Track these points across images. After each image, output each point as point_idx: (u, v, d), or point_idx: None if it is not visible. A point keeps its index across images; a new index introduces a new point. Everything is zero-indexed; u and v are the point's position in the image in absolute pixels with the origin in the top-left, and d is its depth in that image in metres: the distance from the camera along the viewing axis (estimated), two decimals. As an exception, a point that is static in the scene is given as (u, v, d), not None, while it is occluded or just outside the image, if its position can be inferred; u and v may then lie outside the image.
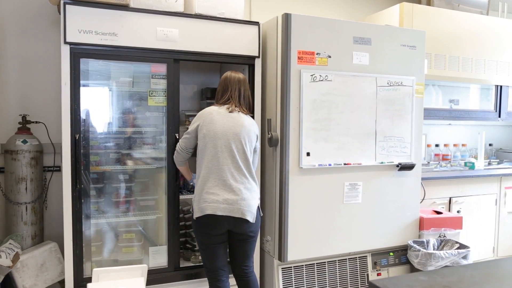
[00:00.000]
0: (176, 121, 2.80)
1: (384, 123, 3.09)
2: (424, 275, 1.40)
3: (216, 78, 3.51)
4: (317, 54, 2.85)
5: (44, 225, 3.05)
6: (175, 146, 2.67)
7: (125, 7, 2.59)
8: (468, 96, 4.19)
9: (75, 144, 2.52)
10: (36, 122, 3.00)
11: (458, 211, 3.65)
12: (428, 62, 3.53)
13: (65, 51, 2.48)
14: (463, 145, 4.46)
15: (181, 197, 2.97)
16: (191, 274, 2.89)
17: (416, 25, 3.52)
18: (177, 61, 2.76)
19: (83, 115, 2.65)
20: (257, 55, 2.94)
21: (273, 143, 2.83)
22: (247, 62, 2.95)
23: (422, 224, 3.28)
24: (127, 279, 2.51)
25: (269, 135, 2.85)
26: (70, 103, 2.50)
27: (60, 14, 2.49)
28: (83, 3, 2.48)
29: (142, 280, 2.53)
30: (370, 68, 3.02)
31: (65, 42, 2.46)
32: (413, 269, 3.15)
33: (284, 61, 2.77)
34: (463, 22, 3.82)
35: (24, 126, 2.95)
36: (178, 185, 2.85)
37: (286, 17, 2.76)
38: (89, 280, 2.54)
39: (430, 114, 3.74)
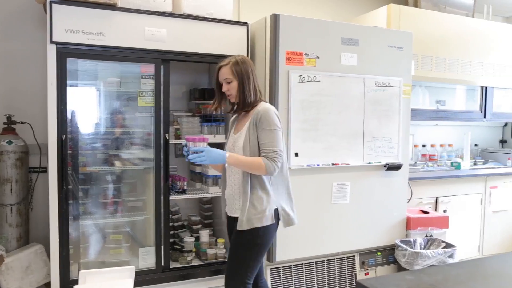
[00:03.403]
0: (166, 121, 2.79)
1: (371, 124, 3.11)
2: (411, 274, 1.42)
3: (204, 78, 3.50)
4: (305, 54, 2.86)
5: (29, 227, 3.01)
6: (166, 147, 2.64)
7: (112, 7, 2.57)
8: (455, 97, 4.24)
9: (62, 145, 2.49)
10: (22, 123, 2.96)
11: (444, 211, 3.70)
12: (415, 63, 3.57)
13: (51, 50, 2.45)
14: (449, 145, 4.51)
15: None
16: (180, 275, 2.88)
17: (403, 27, 3.55)
18: (165, 61, 2.75)
19: (70, 116, 2.62)
20: (245, 55, 2.93)
21: (262, 144, 2.83)
22: (235, 62, 2.94)
23: (409, 223, 3.31)
24: (115, 281, 2.49)
25: (257, 136, 2.85)
26: (56, 103, 2.47)
27: (46, 13, 2.47)
28: (69, 2, 2.46)
29: (130, 281, 2.51)
30: (358, 69, 3.04)
31: (51, 42, 2.44)
32: (400, 268, 3.18)
33: (272, 62, 2.78)
34: (449, 24, 3.86)
35: (9, 127, 2.90)
36: (168, 185, 2.83)
37: (275, 18, 2.77)
38: (76, 282, 2.51)
39: (417, 114, 3.78)
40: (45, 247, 2.87)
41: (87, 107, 2.90)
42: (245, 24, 2.95)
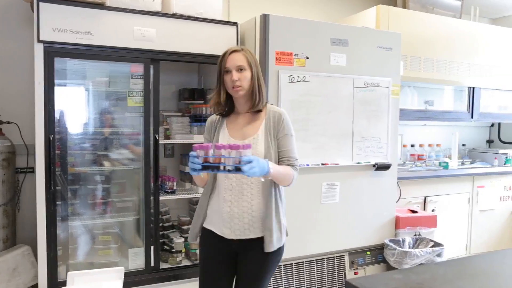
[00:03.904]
0: (156, 121, 2.78)
1: (361, 124, 3.13)
2: (399, 273, 1.43)
3: (194, 78, 3.49)
4: (295, 55, 2.86)
5: (16, 228, 2.97)
6: (156, 147, 2.61)
7: (101, 6, 2.54)
8: (443, 97, 4.29)
9: (49, 145, 2.46)
10: (8, 123, 2.92)
11: (432, 210, 3.73)
12: (404, 64, 3.59)
13: (39, 49, 2.42)
14: (437, 145, 4.56)
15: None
16: (170, 275, 2.87)
17: (392, 28, 3.58)
18: (155, 61, 2.73)
19: (58, 116, 2.59)
20: (235, 55, 2.93)
21: (252, 144, 2.83)
22: (225, 62, 2.93)
23: (398, 223, 3.34)
24: (103, 282, 2.47)
25: (247, 136, 2.85)
26: (43, 103, 2.45)
27: (33, 11, 2.44)
28: (57, 1, 2.43)
29: (119, 283, 2.49)
30: (347, 69, 3.06)
31: (39, 41, 2.41)
32: (389, 268, 3.20)
33: (262, 62, 2.78)
34: (437, 25, 3.90)
35: (-4, 127, 2.87)
36: (158, 186, 2.82)
37: (264, 18, 2.77)
38: (64, 284, 2.48)
39: (406, 114, 3.81)
40: (32, 248, 2.84)
41: (76, 107, 2.87)
42: (234, 24, 2.94)
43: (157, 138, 2.75)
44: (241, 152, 1.64)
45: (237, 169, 1.62)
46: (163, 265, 2.94)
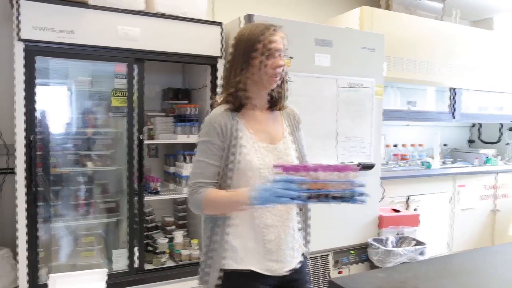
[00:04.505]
0: (141, 121, 2.75)
1: (345, 124, 3.15)
2: (383, 271, 1.45)
3: (178, 78, 3.47)
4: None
5: (-4, 230, 2.91)
6: (140, 147, 2.59)
7: (83, 4, 2.51)
8: (425, 98, 4.35)
9: (30, 146, 2.42)
10: (-12, 122, 2.87)
11: (415, 209, 3.78)
12: (387, 65, 3.63)
13: (19, 48, 2.38)
14: (420, 145, 4.62)
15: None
16: (154, 277, 2.84)
17: (375, 29, 3.62)
18: (139, 60, 2.71)
19: (40, 115, 2.55)
20: (219, 55, 2.93)
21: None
22: (209, 62, 2.93)
23: (381, 222, 3.37)
24: (86, 284, 2.44)
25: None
26: (24, 103, 2.40)
27: (13, 9, 2.39)
28: (38, -1, 2.39)
29: (102, 284, 2.47)
30: (332, 70, 3.07)
31: (19, 39, 2.36)
32: (373, 266, 3.23)
33: (247, 62, 2.77)
34: (420, 26, 3.95)
35: (-25, 127, 2.81)
36: (143, 186, 2.79)
37: (249, 18, 2.77)
38: (45, 286, 2.45)
39: (389, 115, 3.84)
40: (12, 250, 2.78)
41: (58, 107, 2.83)
42: (219, 24, 2.94)
43: (142, 138, 2.73)
44: (348, 175, 1.34)
45: (344, 197, 1.32)
46: (147, 266, 2.91)
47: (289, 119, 1.65)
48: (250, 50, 1.47)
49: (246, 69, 1.47)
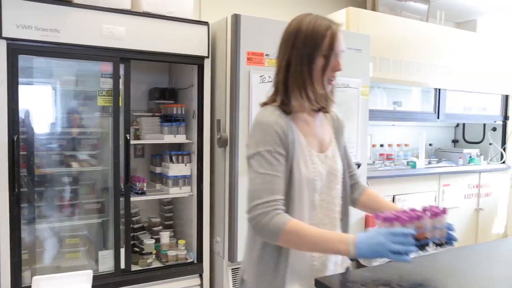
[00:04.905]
0: (127, 121, 2.73)
1: (331, 124, 3.16)
2: (368, 271, 1.46)
3: (165, 78, 3.45)
4: (266, 55, 2.87)
5: (-22, 232, 2.86)
6: (127, 147, 2.56)
7: (68, 3, 2.48)
8: (411, 98, 4.39)
9: (13, 146, 2.38)
10: (-30, 122, 2.81)
11: (401, 208, 3.81)
12: (373, 65, 3.66)
13: (2, 46, 2.34)
14: (405, 145, 4.66)
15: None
16: (140, 278, 2.83)
17: (362, 30, 3.64)
18: (125, 59, 2.69)
19: (23, 115, 2.51)
20: (206, 55, 2.92)
21: (222, 144, 2.82)
22: (196, 62, 2.92)
23: (367, 221, 3.40)
24: (71, 286, 2.41)
25: (218, 136, 2.84)
26: (7, 102, 2.36)
27: (-5, 7, 2.35)
28: (21, -3, 2.36)
29: (88, 286, 2.44)
30: (318, 70, 3.08)
31: (2, 37, 2.33)
32: (359, 265, 3.25)
33: (233, 62, 2.77)
34: (405, 28, 3.99)
35: (-44, 127, 2.75)
36: (129, 187, 2.77)
37: (236, 18, 2.76)
38: (29, 288, 2.41)
39: (375, 115, 3.87)
40: (-5, 253, 2.73)
41: (43, 106, 2.80)
42: (206, 23, 2.93)
43: (128, 138, 2.71)
44: (443, 219, 1.29)
45: (441, 243, 1.31)
46: (133, 267, 2.89)
47: (333, 122, 1.55)
48: (313, 47, 1.34)
49: (308, 70, 1.35)
